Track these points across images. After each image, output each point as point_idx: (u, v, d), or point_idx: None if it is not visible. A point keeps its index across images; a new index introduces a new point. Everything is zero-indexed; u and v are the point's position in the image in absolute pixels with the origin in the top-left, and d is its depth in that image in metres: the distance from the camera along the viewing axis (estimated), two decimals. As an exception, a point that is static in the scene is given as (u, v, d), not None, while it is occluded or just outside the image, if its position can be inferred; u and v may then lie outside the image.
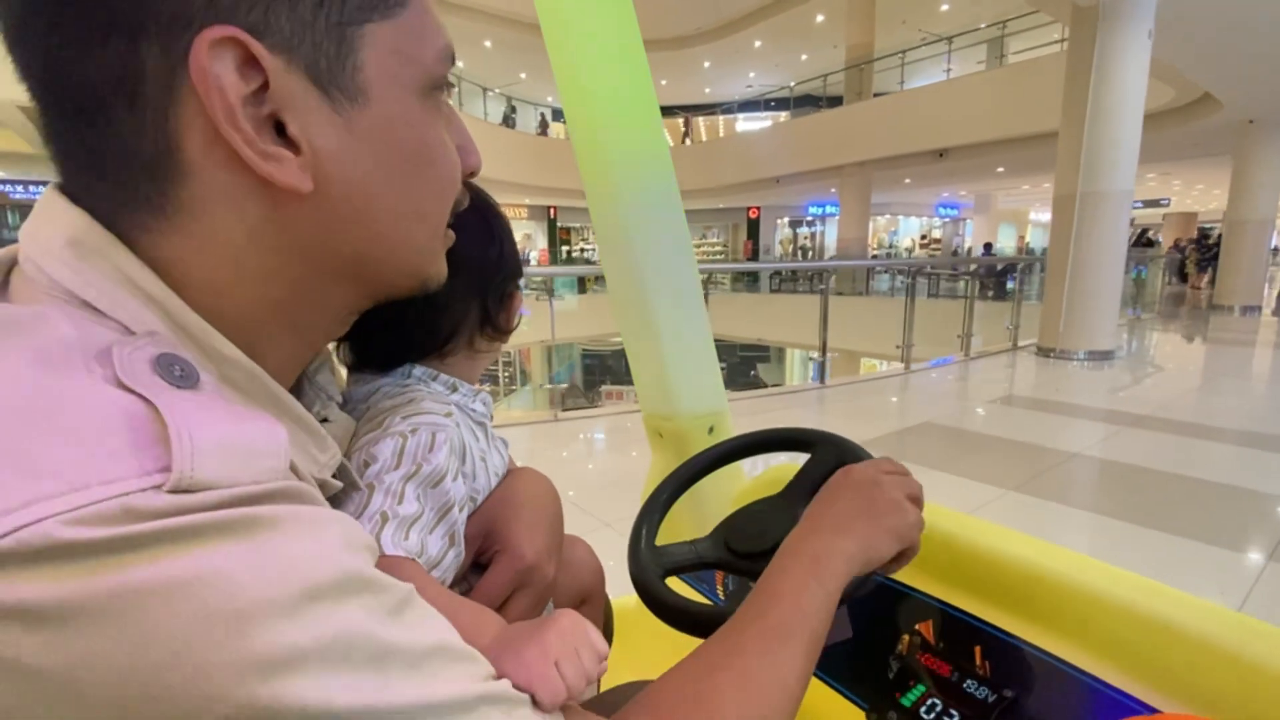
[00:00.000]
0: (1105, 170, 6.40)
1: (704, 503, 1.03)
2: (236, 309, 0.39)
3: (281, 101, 0.35)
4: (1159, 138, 11.26)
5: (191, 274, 0.37)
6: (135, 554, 0.26)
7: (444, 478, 0.56)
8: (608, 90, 0.96)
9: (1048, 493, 3.31)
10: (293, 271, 0.40)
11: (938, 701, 0.69)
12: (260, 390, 0.39)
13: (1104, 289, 6.63)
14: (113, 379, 0.30)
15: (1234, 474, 3.55)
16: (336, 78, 0.37)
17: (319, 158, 0.37)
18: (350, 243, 0.41)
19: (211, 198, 0.36)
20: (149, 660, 0.25)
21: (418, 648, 0.32)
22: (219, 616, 0.26)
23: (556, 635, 0.43)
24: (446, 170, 0.45)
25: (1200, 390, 5.80)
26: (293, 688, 0.27)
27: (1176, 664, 0.60)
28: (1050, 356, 6.90)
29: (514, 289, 0.70)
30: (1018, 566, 0.72)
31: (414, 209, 0.43)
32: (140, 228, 0.36)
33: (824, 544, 0.54)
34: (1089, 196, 6.50)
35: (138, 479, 0.27)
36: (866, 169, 15.77)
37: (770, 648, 0.47)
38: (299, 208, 0.38)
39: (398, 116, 0.40)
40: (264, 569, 0.28)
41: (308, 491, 0.34)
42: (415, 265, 0.46)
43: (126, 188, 0.35)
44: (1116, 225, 6.55)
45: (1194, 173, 17.13)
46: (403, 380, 0.64)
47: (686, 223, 1.06)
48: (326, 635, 0.28)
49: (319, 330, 0.46)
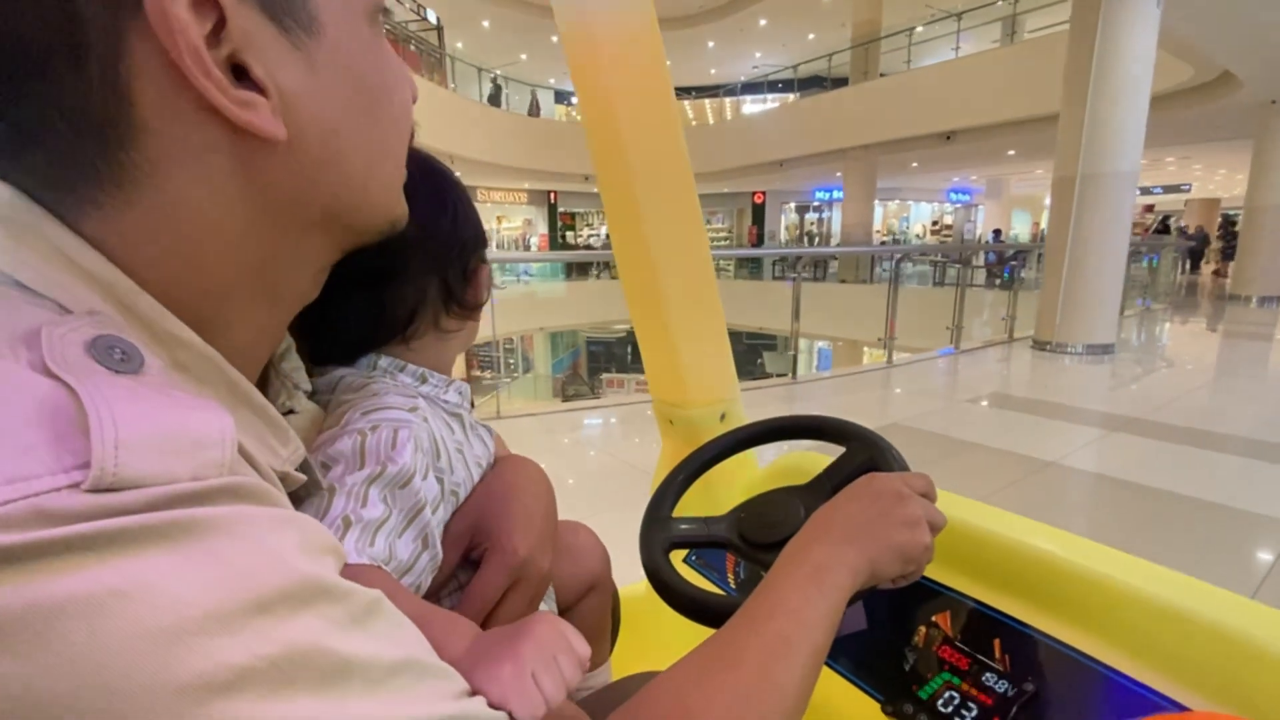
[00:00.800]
0: (1108, 150, 5.94)
1: (714, 488, 0.99)
2: (203, 281, 0.36)
3: (240, 40, 0.32)
4: (1176, 119, 10.90)
5: (146, 250, 0.34)
6: (45, 563, 0.23)
7: (412, 478, 0.52)
8: (621, 73, 0.93)
9: (1010, 509, 2.92)
10: (262, 231, 0.37)
11: (956, 694, 0.67)
12: (215, 376, 0.36)
13: (1104, 278, 6.19)
14: (39, 364, 0.27)
15: (1230, 491, 3.14)
16: (290, 7, 0.35)
17: (286, 100, 0.35)
18: (324, 188, 0.39)
19: (170, 159, 0.33)
20: (59, 688, 0.22)
21: (381, 663, 0.29)
22: (145, 635, 0.23)
23: (533, 646, 0.41)
24: (401, 96, 0.43)
25: (1202, 389, 5.33)
26: (231, 713, 0.24)
27: (1207, 660, 0.58)
28: (1046, 350, 6.48)
29: (478, 262, 0.65)
30: (1039, 558, 0.70)
31: (381, 145, 0.41)
32: (88, 202, 0.33)
33: (829, 553, 0.52)
34: (1090, 179, 6.05)
35: (51, 477, 0.24)
36: (871, 152, 15.39)
37: (768, 661, 0.44)
38: (269, 158, 0.35)
39: (353, 45, 0.38)
40: (201, 578, 0.25)
41: (260, 488, 0.30)
42: (385, 205, 0.44)
43: (68, 161, 0.32)
44: (1119, 210, 6.10)
45: (1215, 157, 16.46)
46: (366, 372, 0.60)
47: (700, 206, 1.03)
48: (273, 652, 0.25)
49: (294, 292, 0.43)
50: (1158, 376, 5.84)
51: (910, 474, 0.62)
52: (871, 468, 0.67)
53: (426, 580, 0.53)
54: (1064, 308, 6.30)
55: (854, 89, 15.37)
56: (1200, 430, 4.05)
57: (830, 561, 0.51)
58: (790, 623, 0.46)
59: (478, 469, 0.62)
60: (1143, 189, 25.20)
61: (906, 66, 14.89)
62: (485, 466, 0.64)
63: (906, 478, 0.60)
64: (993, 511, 0.79)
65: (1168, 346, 7.47)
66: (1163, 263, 11.47)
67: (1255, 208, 10.82)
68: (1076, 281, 6.23)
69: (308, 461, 0.44)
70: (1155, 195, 24.79)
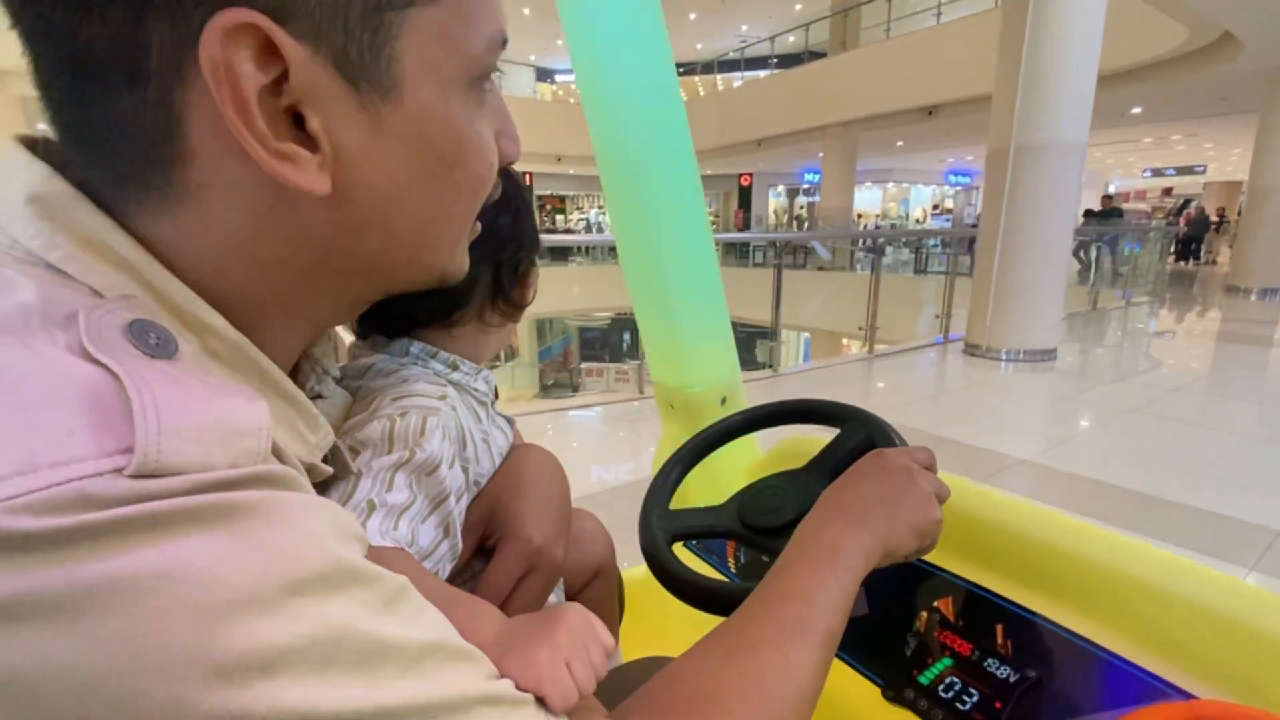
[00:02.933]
0: (1046, 114, 4.91)
1: (716, 474, 1.00)
2: (233, 292, 0.36)
3: (303, 94, 0.32)
4: (1174, 88, 9.87)
5: (183, 252, 0.34)
6: (91, 546, 0.23)
7: (439, 466, 0.52)
8: (621, 50, 0.90)
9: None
10: (300, 264, 0.37)
11: (957, 680, 0.67)
12: (246, 364, 0.36)
13: (1043, 271, 5.17)
14: (77, 347, 0.27)
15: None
16: (368, 70, 0.34)
17: (340, 157, 0.34)
18: (367, 244, 0.38)
19: (214, 186, 0.33)
20: (105, 664, 0.23)
21: (412, 645, 0.30)
22: (187, 614, 0.24)
23: (567, 634, 0.42)
24: (480, 169, 0.41)
25: (1141, 417, 4.04)
26: (272, 692, 0.25)
27: (1213, 646, 0.57)
28: (977, 355, 5.49)
29: (529, 265, 0.66)
30: (1043, 542, 0.70)
31: (440, 213, 0.40)
32: (134, 202, 0.33)
33: (842, 534, 0.51)
34: (1027, 151, 5.02)
35: (95, 461, 0.24)
36: (851, 130, 14.41)
37: (784, 646, 0.44)
38: (313, 207, 0.35)
39: (433, 114, 0.37)
40: (241, 560, 0.26)
41: (292, 477, 0.30)
42: (433, 265, 0.43)
43: (121, 163, 0.33)
44: (1061, 188, 5.06)
45: (1226, 134, 15.18)
46: (398, 357, 0.60)
47: (701, 187, 1.00)
48: (311, 633, 0.26)
49: (324, 318, 0.44)
50: (1098, 396, 4.73)
51: (913, 448, 0.62)
52: (869, 445, 0.66)
53: (445, 569, 0.54)
54: (995, 305, 5.31)
55: (832, 61, 14.53)
56: (1105, 485, 3.02)
57: (843, 543, 0.50)
58: (805, 605, 0.46)
59: (499, 459, 0.63)
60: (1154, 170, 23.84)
61: (886, 36, 13.79)
62: (504, 456, 0.64)
63: (910, 452, 0.60)
64: (996, 495, 0.77)
65: (1129, 353, 6.27)
66: (1147, 250, 10.31)
67: (1258, 189, 9.62)
68: (1010, 274, 5.22)
69: (336, 448, 0.44)
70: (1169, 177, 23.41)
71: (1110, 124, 13.65)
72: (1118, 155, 20.69)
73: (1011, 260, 5.18)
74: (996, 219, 5.20)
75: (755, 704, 0.41)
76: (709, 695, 0.41)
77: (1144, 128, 14.60)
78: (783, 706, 0.42)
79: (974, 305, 5.54)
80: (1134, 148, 18.35)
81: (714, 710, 0.40)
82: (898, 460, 0.58)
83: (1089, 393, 4.76)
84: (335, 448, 0.44)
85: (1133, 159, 21.77)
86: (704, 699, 0.41)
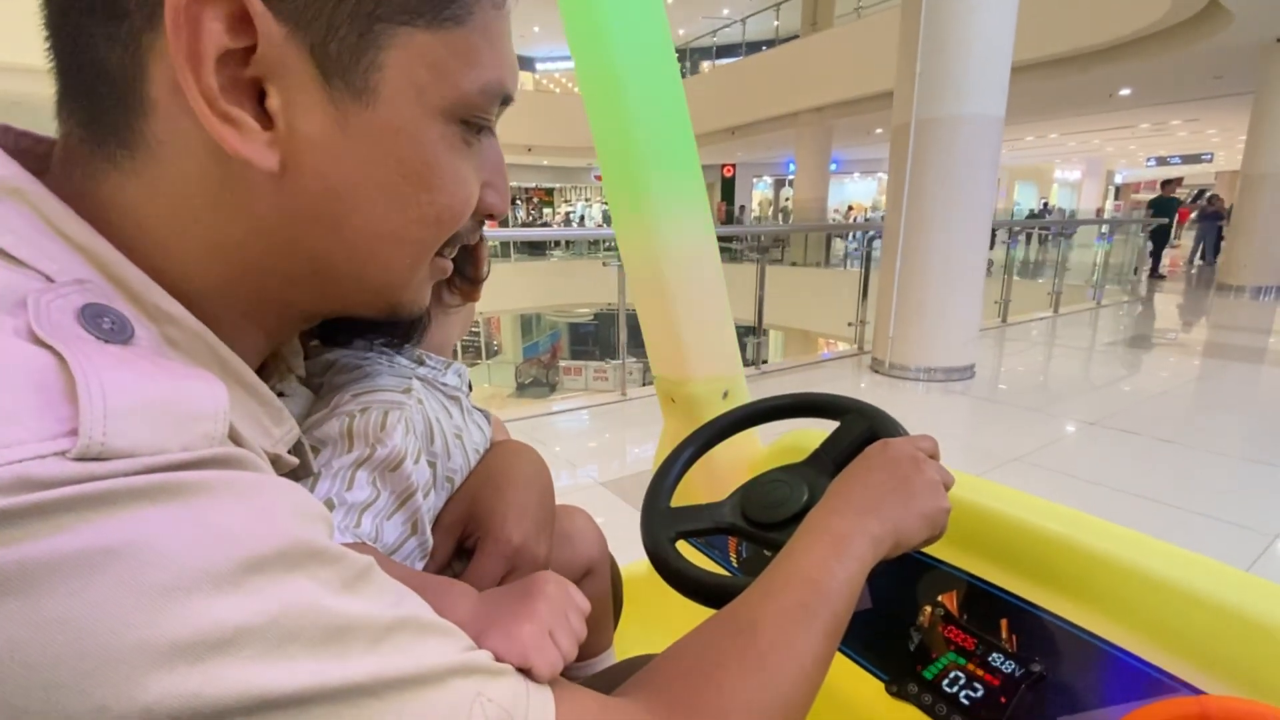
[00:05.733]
0: (954, 82, 4.00)
1: (718, 469, 0.99)
2: (187, 278, 0.35)
3: (269, 70, 0.32)
4: (1162, 66, 9.04)
5: (144, 227, 0.34)
6: (30, 525, 0.22)
7: (402, 461, 0.51)
8: (622, 40, 0.88)
9: None
10: (248, 253, 0.37)
11: (961, 674, 0.67)
12: (206, 353, 0.35)
13: (954, 272, 4.25)
14: (25, 331, 0.27)
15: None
16: (345, 69, 0.34)
17: (296, 141, 0.34)
18: (314, 242, 0.37)
19: (173, 143, 0.33)
20: (50, 648, 0.22)
21: (379, 621, 0.29)
22: (136, 593, 0.23)
23: (546, 605, 0.42)
24: (448, 201, 0.40)
25: (1047, 474, 3.03)
26: (229, 672, 0.24)
27: (1221, 641, 0.56)
28: (881, 373, 4.60)
29: (479, 239, 0.62)
30: (1048, 536, 0.69)
31: (394, 230, 0.39)
32: (108, 161, 0.33)
33: (850, 524, 0.51)
34: (929, 126, 4.12)
35: (37, 444, 0.24)
36: (824, 116, 13.61)
37: (786, 628, 0.44)
38: (262, 185, 0.34)
39: (405, 131, 0.36)
40: (191, 537, 0.25)
41: (250, 459, 0.30)
42: (383, 287, 0.42)
43: (99, 108, 0.33)
44: (975, 171, 4.15)
45: (1229, 118, 14.13)
46: (361, 353, 0.58)
47: (703, 178, 0.99)
48: (269, 610, 0.25)
49: (275, 325, 0.42)
50: (994, 432, 3.61)
51: (917, 436, 0.62)
52: (872, 436, 0.66)
53: (416, 566, 0.53)
54: (898, 313, 4.41)
55: (798, 44, 13.69)
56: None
57: (851, 532, 0.50)
58: (809, 591, 0.46)
59: (475, 456, 0.62)
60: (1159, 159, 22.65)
61: (857, 15, 12.87)
62: (482, 453, 0.63)
63: (916, 440, 0.60)
64: (1001, 489, 0.76)
65: (1074, 371, 5.12)
66: (1119, 245, 9.29)
67: (1252, 176, 8.60)
68: (913, 278, 4.31)
69: (301, 443, 0.43)
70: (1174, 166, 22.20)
71: (1099, 107, 12.83)
72: (1117, 143, 19.67)
73: (915, 260, 4.27)
74: (898, 210, 4.30)
75: (754, 681, 0.40)
76: (706, 670, 0.41)
77: (1139, 112, 13.72)
78: (783, 687, 0.41)
79: (878, 314, 4.65)
80: (1132, 134, 17.33)
81: (710, 685, 0.40)
82: (904, 449, 0.58)
83: (994, 425, 3.75)
84: (300, 444, 0.42)
85: (1134, 146, 20.73)
86: (700, 673, 0.41)
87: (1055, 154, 23.20)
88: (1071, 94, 11.23)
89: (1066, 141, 19.19)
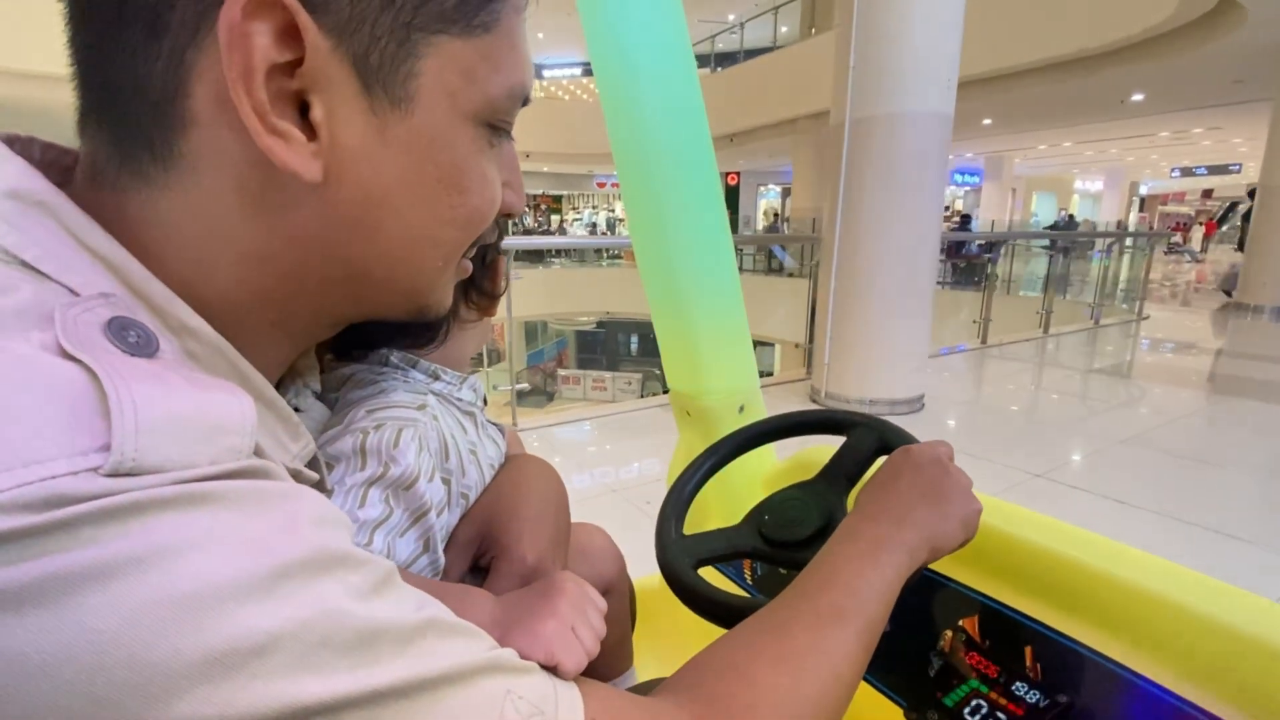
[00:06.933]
0: (890, 76, 3.48)
1: (732, 487, 1.00)
2: (214, 294, 0.35)
3: (313, 82, 0.33)
4: (1176, 69, 8.39)
5: (175, 241, 0.34)
6: (60, 538, 0.22)
7: (416, 480, 0.51)
8: (642, 49, 0.87)
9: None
10: (283, 263, 0.37)
11: (983, 703, 0.65)
12: (226, 368, 0.35)
13: (899, 290, 3.71)
14: (53, 345, 0.26)
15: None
16: (385, 78, 0.35)
17: (338, 151, 0.34)
18: (351, 248, 0.38)
19: (212, 157, 0.33)
20: (81, 660, 0.22)
21: (406, 624, 0.29)
22: (167, 603, 0.23)
23: (568, 603, 0.43)
24: (478, 202, 0.41)
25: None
26: (262, 682, 0.24)
27: (1255, 675, 0.54)
28: (819, 403, 4.05)
29: (497, 254, 0.65)
30: (1075, 562, 0.66)
31: (427, 233, 0.40)
32: (139, 176, 0.33)
33: (885, 532, 0.51)
34: (865, 125, 3.60)
35: (68, 460, 0.23)
36: (821, 123, 12.95)
37: (819, 630, 0.44)
38: (303, 195, 0.35)
39: (440, 135, 0.37)
40: (221, 547, 0.25)
41: (275, 471, 0.30)
42: (413, 289, 0.42)
43: (131, 123, 0.33)
44: (920, 173, 3.61)
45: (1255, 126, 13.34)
46: (377, 367, 0.59)
47: (721, 188, 0.98)
48: (301, 616, 0.25)
49: (302, 332, 0.42)
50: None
51: (934, 442, 0.61)
52: (881, 446, 0.66)
53: None
54: (835, 338, 3.87)
55: (795, 48, 13.28)
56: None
57: (886, 539, 0.50)
58: (843, 594, 0.46)
59: (490, 471, 0.61)
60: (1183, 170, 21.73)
61: (855, 17, 12.40)
62: (497, 468, 0.62)
63: (934, 446, 0.60)
64: (1026, 513, 0.74)
65: (1042, 405, 4.47)
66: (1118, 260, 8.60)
67: (1272, 187, 7.94)
68: (849, 296, 3.78)
69: (316, 459, 0.43)
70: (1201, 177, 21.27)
71: (1112, 113, 12.16)
72: (1137, 152, 18.84)
73: (851, 277, 3.73)
74: (833, 221, 3.77)
75: (785, 679, 0.41)
76: (737, 666, 0.41)
77: (1155, 119, 13.03)
78: (814, 687, 0.41)
79: (816, 340, 4.11)
80: (1152, 143, 16.54)
81: (740, 681, 0.40)
82: (928, 454, 0.58)
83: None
84: (315, 459, 0.42)
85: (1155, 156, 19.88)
86: (732, 669, 0.41)
87: (1073, 164, 22.38)
88: (1080, 99, 10.62)
89: (1083, 150, 18.42)
